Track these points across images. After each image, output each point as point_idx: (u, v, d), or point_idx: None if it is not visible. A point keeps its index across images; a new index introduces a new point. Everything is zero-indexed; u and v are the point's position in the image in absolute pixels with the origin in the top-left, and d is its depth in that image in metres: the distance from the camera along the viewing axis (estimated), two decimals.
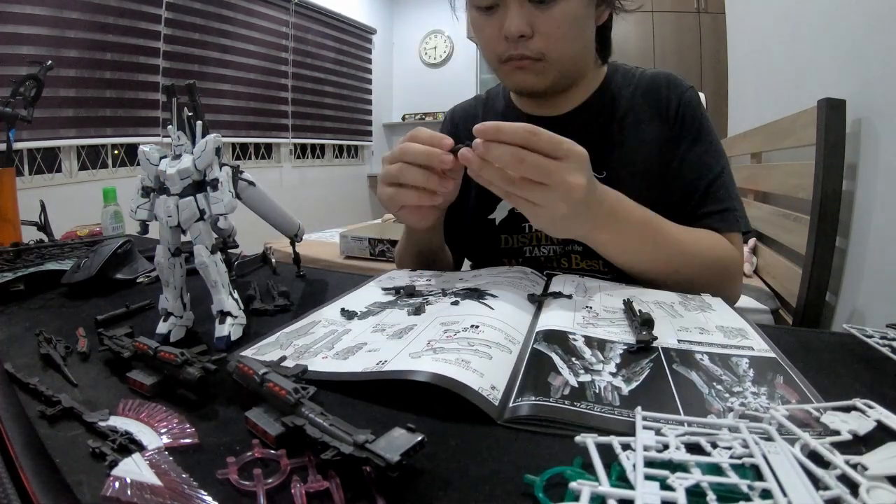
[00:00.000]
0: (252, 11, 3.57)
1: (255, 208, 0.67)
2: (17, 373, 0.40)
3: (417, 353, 0.38)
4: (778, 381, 0.37)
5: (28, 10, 2.25)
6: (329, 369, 0.39)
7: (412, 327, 0.45)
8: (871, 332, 0.46)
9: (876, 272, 1.07)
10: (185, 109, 0.49)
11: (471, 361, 0.37)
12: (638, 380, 0.37)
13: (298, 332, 0.47)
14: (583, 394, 0.35)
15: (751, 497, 0.23)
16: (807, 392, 0.35)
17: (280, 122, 3.95)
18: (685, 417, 0.31)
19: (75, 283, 0.66)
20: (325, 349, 0.43)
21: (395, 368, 0.37)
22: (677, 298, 0.55)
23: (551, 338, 0.43)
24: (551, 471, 0.27)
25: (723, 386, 0.36)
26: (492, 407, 0.34)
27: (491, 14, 0.61)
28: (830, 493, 0.23)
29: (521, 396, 0.35)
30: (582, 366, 0.38)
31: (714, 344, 0.43)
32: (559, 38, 0.61)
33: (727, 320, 0.49)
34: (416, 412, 0.34)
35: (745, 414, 0.32)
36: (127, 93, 2.74)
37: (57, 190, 2.45)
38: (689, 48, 3.18)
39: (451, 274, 0.64)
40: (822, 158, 1.13)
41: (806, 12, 1.51)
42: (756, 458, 0.26)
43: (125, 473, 0.27)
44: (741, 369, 0.39)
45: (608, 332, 0.45)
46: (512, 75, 0.64)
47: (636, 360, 0.39)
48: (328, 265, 1.68)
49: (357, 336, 0.45)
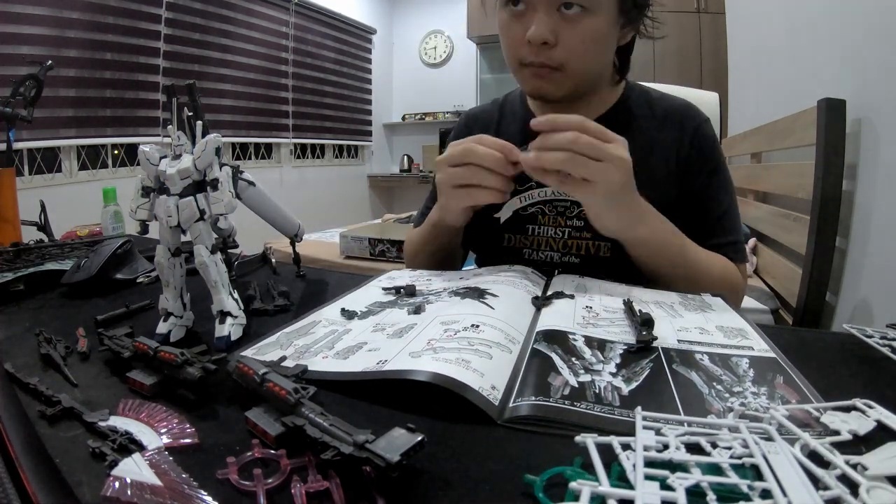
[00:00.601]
0: (252, 11, 3.57)
1: (255, 208, 0.67)
2: (17, 373, 0.40)
3: (417, 353, 0.38)
4: (778, 382, 0.37)
5: (28, 10, 2.25)
6: (329, 369, 0.39)
7: (412, 326, 0.45)
8: (871, 333, 0.46)
9: (876, 272, 1.07)
10: (185, 109, 0.49)
11: (471, 361, 0.37)
12: (638, 380, 0.37)
13: (299, 332, 0.47)
14: (583, 394, 0.35)
15: (751, 497, 0.23)
16: (807, 392, 0.35)
17: (280, 122, 3.95)
18: (685, 417, 0.31)
19: (75, 283, 0.66)
20: (325, 349, 0.43)
21: (395, 368, 0.37)
22: (677, 298, 0.55)
23: (551, 338, 0.43)
24: (551, 471, 0.27)
25: (723, 386, 0.36)
26: (492, 407, 0.34)
27: (519, 17, 0.63)
28: (830, 493, 0.23)
29: (521, 396, 0.35)
30: (582, 366, 0.39)
31: (714, 344, 0.43)
32: (581, 52, 0.62)
33: (727, 320, 0.49)
34: (416, 412, 0.34)
35: (744, 414, 0.32)
36: (127, 93, 2.74)
37: (57, 190, 2.45)
38: (689, 48, 3.18)
39: (451, 273, 0.64)
40: (822, 158, 1.13)
41: (806, 12, 1.51)
42: (756, 458, 0.26)
43: (125, 473, 0.27)
44: (741, 369, 0.38)
45: (608, 332, 0.45)
46: (529, 80, 0.67)
47: (636, 361, 0.39)
48: (328, 265, 1.68)
49: (357, 336, 0.45)
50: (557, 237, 0.72)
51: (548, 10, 0.60)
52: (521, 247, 0.74)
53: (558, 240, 0.72)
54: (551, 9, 0.60)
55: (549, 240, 0.72)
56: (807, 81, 1.48)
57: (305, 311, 0.54)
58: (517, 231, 0.74)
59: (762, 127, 1.70)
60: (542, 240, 0.73)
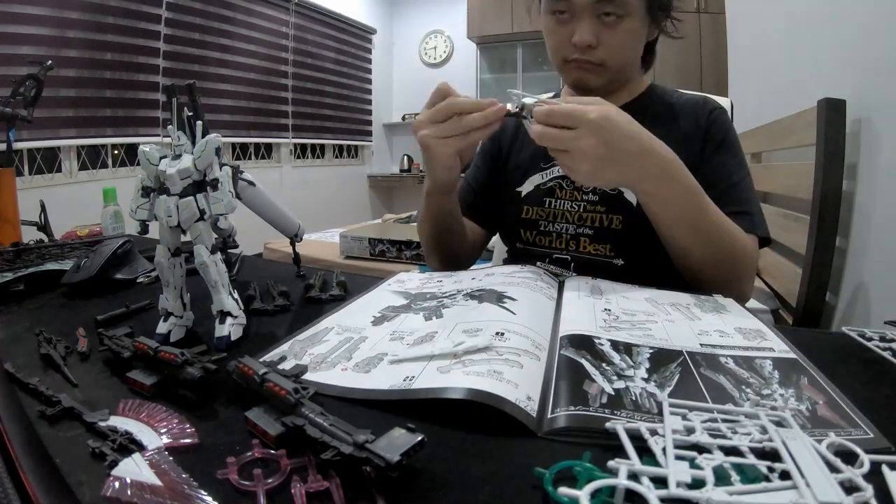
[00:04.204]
0: (252, 11, 3.57)
1: (255, 208, 0.67)
2: (17, 373, 0.40)
3: (446, 368, 0.37)
4: (803, 383, 0.37)
5: (28, 10, 2.25)
6: (351, 384, 0.38)
7: (433, 335, 0.43)
8: (871, 335, 0.46)
9: (876, 272, 1.07)
10: (185, 109, 0.49)
11: (503, 372, 0.35)
12: (670, 385, 0.36)
13: (312, 340, 0.46)
14: (620, 401, 0.34)
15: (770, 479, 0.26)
16: (831, 392, 0.35)
17: (280, 122, 3.95)
18: (708, 405, 0.33)
19: (75, 283, 0.66)
20: (342, 359, 0.42)
21: (425, 386, 0.35)
22: (692, 300, 0.54)
23: (578, 343, 0.42)
24: (560, 464, 0.27)
25: (752, 389, 0.36)
26: (531, 419, 0.33)
27: (564, 23, 0.71)
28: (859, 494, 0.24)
29: (558, 407, 0.34)
30: (614, 371, 0.38)
31: (736, 346, 0.43)
32: (619, 50, 0.72)
33: (743, 322, 0.48)
34: (416, 412, 0.34)
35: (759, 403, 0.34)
36: (127, 93, 2.74)
37: (57, 190, 2.45)
38: (689, 48, 3.18)
39: (462, 274, 0.64)
40: (822, 158, 1.13)
41: (806, 12, 1.51)
42: (776, 443, 0.28)
43: (125, 473, 0.27)
44: (766, 371, 0.38)
45: (632, 335, 0.44)
46: (573, 72, 0.74)
47: (665, 365, 0.39)
48: (328, 265, 1.68)
49: (375, 345, 0.44)
50: (573, 210, 0.75)
51: (590, 17, 0.69)
52: (538, 218, 0.78)
53: (573, 213, 0.75)
54: (592, 16, 0.69)
55: (565, 212, 0.76)
56: (807, 81, 1.48)
57: (305, 312, 0.53)
58: (536, 203, 0.78)
59: (762, 127, 1.70)
60: (558, 212, 0.77)
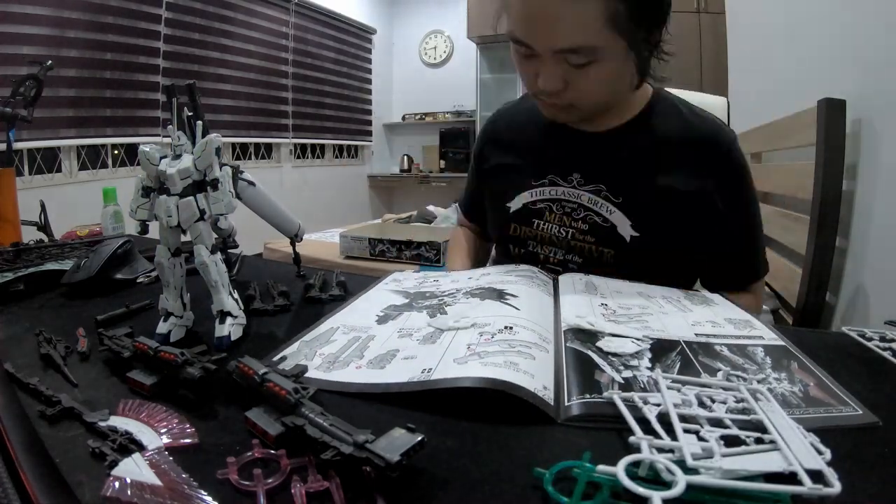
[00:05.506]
0: (252, 11, 3.57)
1: (255, 208, 0.67)
2: (17, 373, 0.40)
3: (462, 359, 0.38)
4: (794, 367, 0.39)
5: (28, 10, 2.25)
6: (368, 380, 0.38)
7: (443, 331, 0.44)
8: (871, 335, 0.46)
9: (876, 272, 1.07)
10: (185, 109, 0.49)
11: (518, 363, 0.37)
12: (673, 373, 0.38)
13: (320, 341, 0.46)
14: (630, 389, 0.36)
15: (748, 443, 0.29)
16: (820, 375, 0.38)
17: (280, 122, 3.94)
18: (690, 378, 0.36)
19: (75, 283, 0.66)
20: (355, 358, 0.42)
21: (443, 377, 0.36)
22: (681, 294, 0.57)
23: (581, 336, 0.43)
24: (560, 465, 0.27)
25: (748, 374, 0.38)
26: (549, 406, 0.34)
27: (529, 57, 0.62)
28: None
29: (573, 395, 0.35)
30: (620, 362, 0.39)
31: (728, 335, 0.45)
32: (592, 93, 0.63)
33: (732, 313, 0.51)
34: (416, 412, 0.34)
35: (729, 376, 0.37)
36: (127, 93, 2.73)
37: (57, 190, 2.45)
38: (689, 48, 3.18)
39: (458, 274, 0.64)
40: (822, 158, 1.13)
41: (806, 12, 1.51)
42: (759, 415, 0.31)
43: (125, 473, 0.27)
44: (759, 357, 0.41)
45: (630, 328, 0.45)
46: (545, 108, 0.69)
47: (665, 355, 0.41)
48: (328, 265, 1.68)
49: (385, 342, 0.44)
50: (561, 236, 0.72)
51: (554, 60, 0.59)
52: (527, 237, 0.76)
53: (562, 239, 0.72)
54: (557, 58, 0.58)
55: (552, 237, 0.73)
56: (807, 81, 1.48)
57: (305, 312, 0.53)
58: (524, 223, 0.76)
59: (762, 127, 1.70)
60: (545, 236, 0.74)
